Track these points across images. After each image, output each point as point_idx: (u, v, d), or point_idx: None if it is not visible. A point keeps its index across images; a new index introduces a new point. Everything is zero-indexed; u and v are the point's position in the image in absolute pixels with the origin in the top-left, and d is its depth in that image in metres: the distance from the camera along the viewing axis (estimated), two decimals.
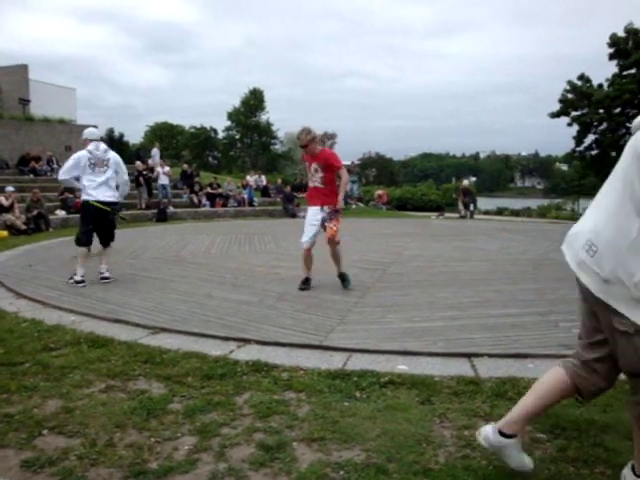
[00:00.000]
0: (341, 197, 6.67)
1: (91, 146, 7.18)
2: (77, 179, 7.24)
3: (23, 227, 13.39)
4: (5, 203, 13.69)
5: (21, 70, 27.60)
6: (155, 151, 24.87)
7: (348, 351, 4.37)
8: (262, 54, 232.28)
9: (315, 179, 6.66)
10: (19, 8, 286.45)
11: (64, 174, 7.19)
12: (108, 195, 7.16)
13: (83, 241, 7.19)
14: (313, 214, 6.69)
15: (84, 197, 7.14)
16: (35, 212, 13.92)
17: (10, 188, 14.37)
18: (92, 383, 3.72)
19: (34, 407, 3.32)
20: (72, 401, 3.41)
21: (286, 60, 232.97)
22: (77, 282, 6.98)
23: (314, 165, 6.62)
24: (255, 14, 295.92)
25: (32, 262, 8.85)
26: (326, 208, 6.62)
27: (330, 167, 6.64)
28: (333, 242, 6.67)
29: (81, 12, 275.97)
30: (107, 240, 7.39)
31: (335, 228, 6.60)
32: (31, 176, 18.98)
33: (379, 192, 27.67)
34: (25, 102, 25.29)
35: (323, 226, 6.62)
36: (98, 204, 7.05)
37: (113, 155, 7.30)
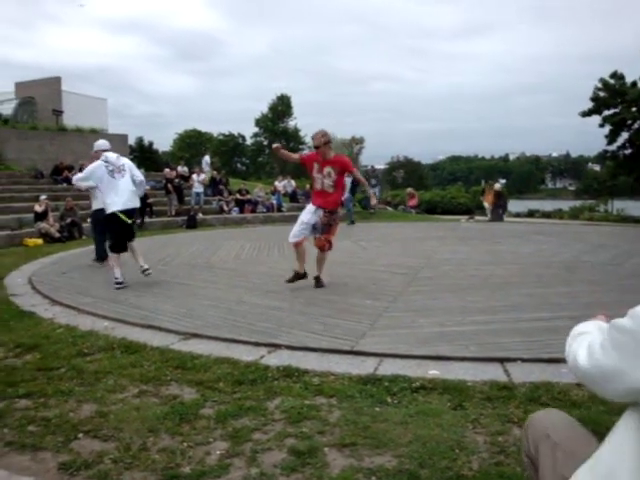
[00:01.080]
0: (372, 193, 6.94)
1: (103, 156, 7.48)
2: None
3: (57, 235, 13.65)
4: (39, 209, 13.98)
5: (54, 82, 28.33)
6: (207, 159, 25.39)
7: (379, 356, 4.34)
8: (287, 59, 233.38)
9: (327, 182, 6.80)
10: (51, 22, 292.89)
11: (79, 180, 7.80)
12: (132, 201, 7.47)
13: (118, 248, 7.50)
14: (308, 214, 6.88)
15: (110, 208, 7.37)
16: (69, 220, 14.18)
17: (43, 197, 14.67)
18: (125, 388, 3.77)
19: (70, 411, 3.38)
20: (106, 405, 3.46)
21: (311, 65, 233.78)
22: (119, 283, 7.26)
23: (327, 169, 6.76)
24: (278, 20, 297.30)
25: (66, 269, 9.02)
26: (320, 212, 6.84)
27: (343, 171, 6.87)
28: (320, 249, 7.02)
29: (111, 24, 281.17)
30: (129, 239, 7.70)
31: (326, 241, 6.95)
32: (64, 185, 19.34)
33: (410, 190, 27.19)
34: (58, 113, 25.90)
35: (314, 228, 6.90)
36: (122, 215, 7.33)
37: (126, 160, 7.69)
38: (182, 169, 23.12)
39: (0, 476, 2.55)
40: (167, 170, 20.54)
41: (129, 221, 7.48)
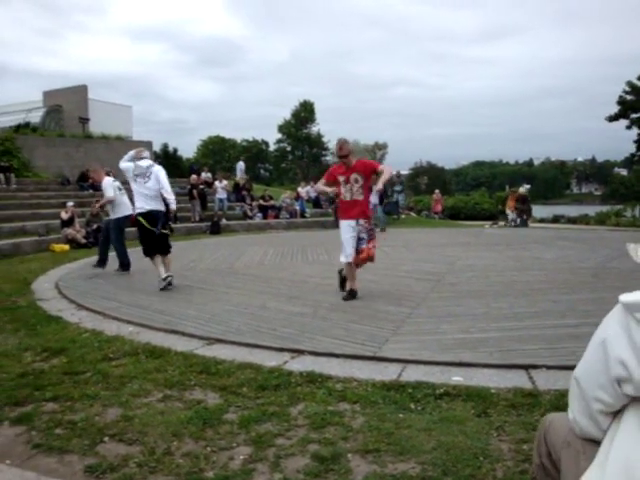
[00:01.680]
0: (381, 184, 6.77)
1: (137, 160, 7.90)
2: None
3: (83, 241, 13.84)
4: (64, 217, 14.18)
5: (81, 90, 28.85)
6: (241, 165, 25.73)
7: (402, 362, 4.33)
8: (308, 66, 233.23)
9: (355, 190, 6.69)
10: (77, 31, 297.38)
11: (122, 162, 8.13)
12: (150, 204, 7.71)
13: (148, 253, 7.81)
14: (350, 229, 6.71)
15: (136, 211, 7.85)
16: (94, 226, 14.36)
17: (70, 203, 14.90)
18: (150, 392, 3.81)
19: (96, 415, 3.42)
20: (131, 410, 3.50)
21: (332, 71, 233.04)
22: (163, 279, 7.55)
23: (354, 175, 6.67)
24: (299, 26, 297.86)
25: (92, 274, 9.13)
26: (361, 221, 6.71)
27: (369, 173, 6.75)
28: (367, 261, 6.80)
29: (135, 32, 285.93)
30: (163, 250, 7.89)
31: (374, 250, 6.77)
32: (90, 191, 19.63)
33: (437, 193, 26.60)
34: (85, 120, 26.32)
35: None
36: (143, 220, 7.65)
37: (155, 169, 7.89)
38: (206, 175, 23.31)
39: (29, 477, 2.60)
40: (194, 177, 20.67)
41: (151, 227, 7.66)
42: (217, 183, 20.33)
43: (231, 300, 6.79)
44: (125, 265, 9.38)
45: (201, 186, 19.84)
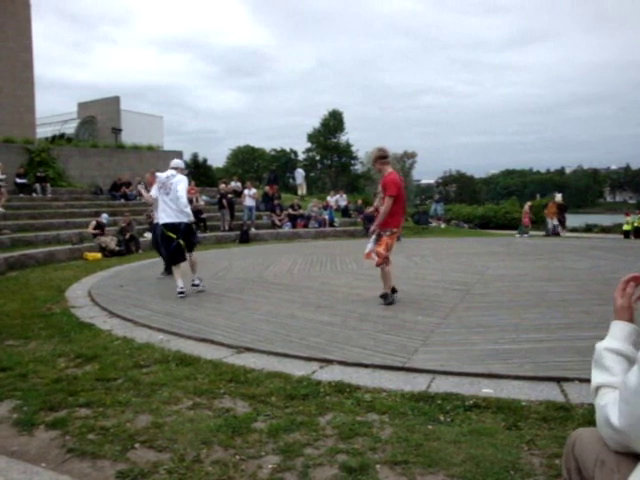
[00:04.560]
0: (377, 222, 6.95)
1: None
2: None
3: (117, 248, 14.07)
4: (93, 231, 14.46)
5: (114, 102, 29.54)
6: (302, 172, 26.19)
7: (431, 373, 4.30)
8: (335, 74, 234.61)
9: (379, 200, 6.86)
10: (106, 44, 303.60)
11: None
12: (170, 216, 7.86)
13: (174, 260, 8.01)
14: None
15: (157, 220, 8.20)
16: (127, 235, 14.59)
17: (105, 215, 15.19)
18: (180, 400, 3.84)
19: (127, 421, 3.46)
20: (161, 417, 3.54)
21: (359, 79, 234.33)
22: (178, 293, 7.73)
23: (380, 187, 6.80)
24: (325, 36, 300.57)
25: (123, 282, 9.27)
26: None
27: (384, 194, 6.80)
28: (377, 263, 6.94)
29: (161, 43, 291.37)
30: (188, 247, 8.17)
31: (372, 252, 6.96)
32: (122, 201, 19.96)
33: (528, 204, 24.44)
34: (117, 131, 26.85)
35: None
36: (165, 229, 7.89)
37: (177, 179, 7.92)
38: (235, 184, 23.51)
39: None
40: (222, 185, 20.86)
41: (174, 236, 7.84)
42: (246, 191, 20.47)
43: (260, 309, 6.82)
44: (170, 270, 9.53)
45: (229, 195, 20.01)
